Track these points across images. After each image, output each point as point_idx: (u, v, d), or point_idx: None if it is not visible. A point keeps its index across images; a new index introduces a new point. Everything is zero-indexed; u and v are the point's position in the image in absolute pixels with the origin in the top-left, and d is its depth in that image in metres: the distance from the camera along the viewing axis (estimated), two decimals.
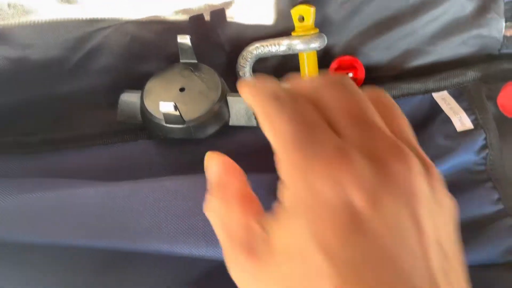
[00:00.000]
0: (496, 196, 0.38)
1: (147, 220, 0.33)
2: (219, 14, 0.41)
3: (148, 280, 0.35)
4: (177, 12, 0.40)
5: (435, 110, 0.42)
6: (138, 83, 0.44)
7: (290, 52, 0.42)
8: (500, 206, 0.37)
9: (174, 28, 0.41)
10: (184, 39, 0.40)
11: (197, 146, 0.42)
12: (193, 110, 0.39)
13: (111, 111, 0.44)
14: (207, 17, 0.41)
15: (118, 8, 0.39)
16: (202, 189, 0.35)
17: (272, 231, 0.22)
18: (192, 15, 0.41)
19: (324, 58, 0.44)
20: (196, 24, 0.41)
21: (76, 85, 0.42)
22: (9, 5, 0.36)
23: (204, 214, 0.33)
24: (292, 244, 0.20)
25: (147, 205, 0.33)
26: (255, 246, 0.22)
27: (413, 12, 0.43)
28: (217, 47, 0.43)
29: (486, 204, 0.38)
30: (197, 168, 0.40)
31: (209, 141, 0.41)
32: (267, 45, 0.42)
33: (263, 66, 0.45)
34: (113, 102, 0.44)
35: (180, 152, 0.41)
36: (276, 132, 0.22)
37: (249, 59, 0.43)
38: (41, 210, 0.32)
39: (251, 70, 0.44)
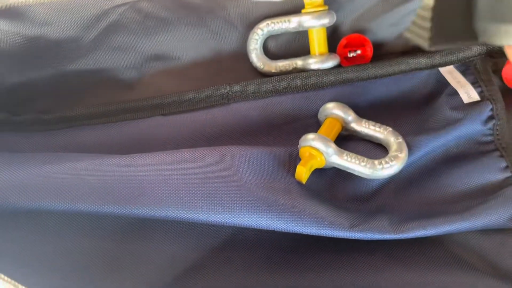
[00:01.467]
0: (503, 164, 0.39)
1: (166, 188, 0.34)
2: None
3: (169, 248, 0.36)
4: None
5: (442, 84, 0.43)
6: (152, 61, 0.45)
7: (300, 29, 0.43)
8: (508, 174, 0.38)
9: (187, 5, 0.41)
10: None
11: (208, 120, 0.43)
12: None
13: (125, 88, 0.45)
14: None
15: None
16: (218, 159, 0.36)
17: None
18: None
19: (333, 36, 0.45)
20: (207, 1, 0.42)
21: (91, 63, 0.43)
22: None
23: (220, 182, 0.34)
24: None
25: (166, 174, 0.34)
26: None
27: None
28: (228, 24, 0.44)
29: (494, 172, 0.38)
30: (211, 141, 0.42)
31: (213, 114, 0.42)
32: (277, 22, 0.43)
33: (273, 43, 0.45)
34: (127, 80, 0.45)
35: (194, 127, 0.42)
36: None
37: (260, 36, 0.44)
38: (64, 179, 0.33)
39: (261, 47, 0.45)
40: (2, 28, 0.38)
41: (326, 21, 0.42)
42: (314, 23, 0.42)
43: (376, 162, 0.37)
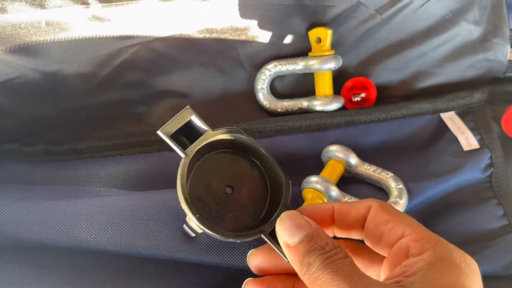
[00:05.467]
0: (501, 212, 0.40)
1: (173, 229, 0.35)
2: (240, 34, 0.43)
3: (172, 284, 0.37)
4: (200, 32, 0.43)
5: (443, 129, 0.44)
6: (162, 97, 0.46)
7: (307, 71, 0.45)
8: (505, 222, 0.39)
9: (198, 45, 0.43)
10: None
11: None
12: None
13: (136, 122, 0.46)
14: (229, 37, 0.43)
15: (146, 26, 0.41)
16: None
17: None
18: (215, 34, 0.43)
19: (339, 78, 0.47)
20: (218, 42, 0.44)
21: (103, 97, 0.44)
22: (47, 23, 0.38)
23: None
24: None
25: (174, 215, 0.35)
26: None
27: (424, 36, 0.45)
28: (237, 64, 0.46)
29: (492, 219, 0.39)
30: None
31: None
32: (284, 64, 0.45)
33: (280, 82, 0.47)
34: (139, 114, 0.46)
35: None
36: None
37: (267, 76, 0.45)
38: (74, 216, 0.34)
39: (268, 86, 0.46)
40: (19, 63, 0.40)
41: (332, 65, 0.44)
42: (320, 66, 0.44)
43: None
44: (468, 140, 0.43)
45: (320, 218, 0.28)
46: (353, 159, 0.41)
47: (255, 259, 0.30)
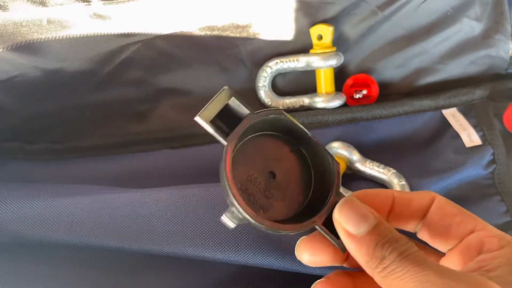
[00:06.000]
0: (503, 208, 0.40)
1: (174, 225, 0.35)
2: (241, 31, 0.43)
3: (175, 282, 0.37)
4: (202, 29, 0.43)
5: (445, 126, 0.44)
6: (163, 95, 0.46)
7: (308, 68, 0.45)
8: (507, 218, 0.39)
9: (199, 43, 0.43)
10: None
11: (215, 154, 0.44)
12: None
13: (136, 120, 0.46)
14: (230, 34, 0.43)
15: (147, 24, 0.41)
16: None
17: None
18: (216, 31, 0.43)
19: (340, 74, 0.47)
20: (219, 39, 0.44)
21: (105, 95, 0.44)
22: (48, 21, 0.38)
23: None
24: None
25: (175, 211, 0.35)
26: None
27: (425, 32, 0.45)
28: (239, 62, 0.46)
29: (494, 216, 0.39)
30: (217, 175, 0.43)
31: (220, 148, 0.43)
32: (286, 61, 0.45)
33: (281, 80, 0.47)
34: (140, 112, 0.46)
35: (202, 160, 0.43)
36: None
37: (269, 73, 0.45)
38: (76, 213, 0.34)
39: (270, 84, 0.46)
40: (21, 61, 0.40)
41: (334, 62, 0.44)
42: (322, 63, 0.44)
43: None
44: (470, 136, 0.43)
45: (379, 205, 0.26)
46: (355, 156, 0.41)
47: (305, 251, 0.28)
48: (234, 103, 0.27)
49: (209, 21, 0.43)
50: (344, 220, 0.24)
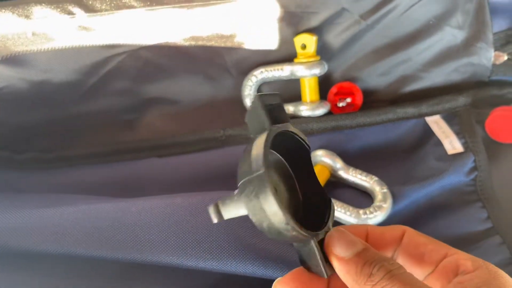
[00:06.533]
0: (485, 215, 0.40)
1: (158, 235, 0.35)
2: (226, 41, 0.44)
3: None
4: (187, 40, 0.43)
5: (428, 133, 0.45)
6: (150, 104, 0.47)
7: (292, 77, 0.45)
8: (488, 225, 0.39)
9: (185, 53, 0.44)
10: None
11: (202, 163, 0.44)
12: None
13: (124, 130, 0.47)
14: (215, 44, 0.44)
15: (132, 35, 0.42)
16: (210, 205, 0.37)
17: None
18: (201, 42, 0.43)
19: (325, 82, 0.47)
20: (205, 49, 0.44)
21: (92, 105, 0.45)
22: (33, 33, 0.39)
23: (210, 229, 0.36)
24: None
25: (158, 220, 0.36)
26: None
27: (408, 41, 0.46)
28: (224, 71, 0.46)
29: (476, 222, 0.40)
30: (205, 184, 0.43)
31: (207, 157, 0.44)
32: (271, 70, 0.45)
33: (267, 88, 0.47)
34: (127, 122, 0.46)
35: (189, 169, 0.44)
36: None
37: (254, 82, 0.46)
38: (61, 223, 0.35)
39: (256, 92, 0.47)
40: (8, 73, 0.40)
41: (318, 71, 0.44)
42: (305, 72, 0.44)
43: (361, 211, 0.38)
44: (452, 143, 0.43)
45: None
46: (339, 164, 0.42)
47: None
48: (281, 108, 0.27)
49: (193, 32, 0.43)
50: (334, 244, 0.26)
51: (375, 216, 0.38)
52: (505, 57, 0.46)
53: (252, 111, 0.26)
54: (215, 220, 0.27)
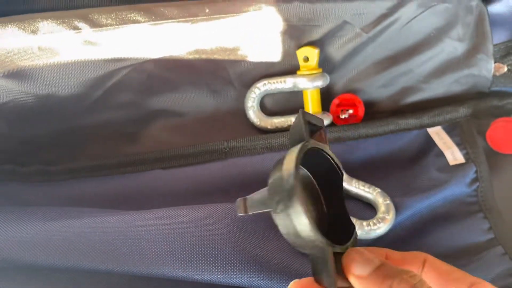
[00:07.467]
0: (487, 225, 0.40)
1: (163, 248, 0.35)
2: (229, 54, 0.44)
3: None
4: (190, 53, 0.44)
5: (429, 144, 0.45)
6: (154, 117, 0.47)
7: (295, 89, 0.46)
8: (491, 235, 0.40)
9: (189, 66, 0.44)
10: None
11: (206, 175, 0.45)
12: None
13: (128, 142, 0.47)
14: (218, 57, 0.44)
15: (136, 49, 0.42)
16: (214, 217, 0.38)
17: None
18: (205, 55, 0.44)
19: (327, 94, 0.48)
20: (208, 62, 0.45)
21: (96, 118, 0.45)
22: (39, 48, 0.39)
23: (215, 241, 0.36)
24: None
25: (164, 234, 0.36)
26: None
27: (410, 53, 0.46)
28: (227, 84, 0.47)
29: (478, 233, 0.40)
30: (208, 195, 0.44)
31: (210, 169, 0.44)
32: (273, 82, 0.46)
33: (270, 100, 0.48)
34: (131, 134, 0.47)
35: (192, 180, 0.44)
36: None
37: (257, 94, 0.46)
38: (67, 237, 0.35)
39: (258, 104, 0.47)
40: (13, 88, 0.41)
41: (320, 83, 0.45)
42: (308, 85, 0.45)
43: (364, 223, 0.38)
44: (454, 154, 0.44)
45: None
46: None
47: None
48: (322, 131, 0.30)
49: (197, 45, 0.44)
50: (353, 264, 0.26)
51: (378, 228, 0.38)
52: (505, 69, 0.47)
53: (295, 126, 0.28)
54: (240, 213, 0.29)
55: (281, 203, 0.26)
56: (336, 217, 0.30)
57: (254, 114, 0.47)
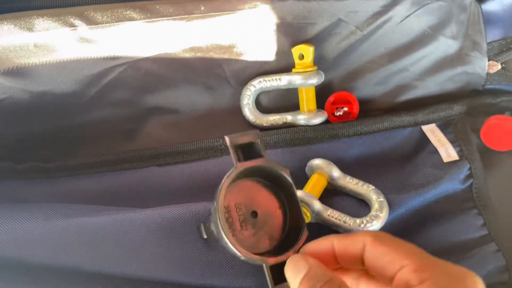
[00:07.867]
0: (481, 221, 0.41)
1: (158, 249, 0.36)
2: (225, 52, 0.45)
3: None
4: (186, 51, 0.44)
5: (424, 142, 0.45)
6: (150, 114, 0.47)
7: (290, 86, 0.46)
8: (484, 232, 0.40)
9: (184, 64, 0.44)
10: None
11: (201, 172, 0.45)
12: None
13: (124, 139, 0.47)
14: (214, 55, 0.45)
15: (132, 47, 0.43)
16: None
17: None
18: (200, 53, 0.44)
19: (322, 92, 0.48)
20: (204, 60, 0.45)
21: (92, 115, 0.46)
22: (35, 45, 0.39)
23: (209, 241, 0.36)
24: None
25: (160, 236, 0.36)
26: None
27: (404, 51, 0.46)
28: (223, 81, 0.47)
29: (472, 229, 0.40)
30: (204, 193, 0.44)
31: (206, 166, 0.45)
32: (269, 80, 0.46)
33: (265, 98, 0.48)
34: (127, 132, 0.47)
35: (188, 177, 0.44)
36: None
37: (252, 92, 0.47)
38: (64, 236, 0.35)
39: (254, 101, 0.47)
40: (9, 85, 0.41)
41: (315, 81, 0.45)
42: (303, 82, 0.45)
43: (358, 220, 0.39)
44: (448, 151, 0.44)
45: (323, 256, 0.29)
46: (336, 173, 0.42)
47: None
48: (258, 145, 0.34)
49: (193, 43, 0.44)
50: (287, 275, 0.29)
51: (372, 225, 0.39)
52: (499, 66, 0.47)
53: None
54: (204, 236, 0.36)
55: (216, 234, 0.32)
56: (295, 219, 0.34)
57: (249, 111, 0.47)
